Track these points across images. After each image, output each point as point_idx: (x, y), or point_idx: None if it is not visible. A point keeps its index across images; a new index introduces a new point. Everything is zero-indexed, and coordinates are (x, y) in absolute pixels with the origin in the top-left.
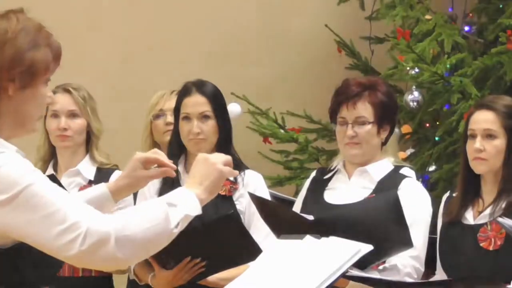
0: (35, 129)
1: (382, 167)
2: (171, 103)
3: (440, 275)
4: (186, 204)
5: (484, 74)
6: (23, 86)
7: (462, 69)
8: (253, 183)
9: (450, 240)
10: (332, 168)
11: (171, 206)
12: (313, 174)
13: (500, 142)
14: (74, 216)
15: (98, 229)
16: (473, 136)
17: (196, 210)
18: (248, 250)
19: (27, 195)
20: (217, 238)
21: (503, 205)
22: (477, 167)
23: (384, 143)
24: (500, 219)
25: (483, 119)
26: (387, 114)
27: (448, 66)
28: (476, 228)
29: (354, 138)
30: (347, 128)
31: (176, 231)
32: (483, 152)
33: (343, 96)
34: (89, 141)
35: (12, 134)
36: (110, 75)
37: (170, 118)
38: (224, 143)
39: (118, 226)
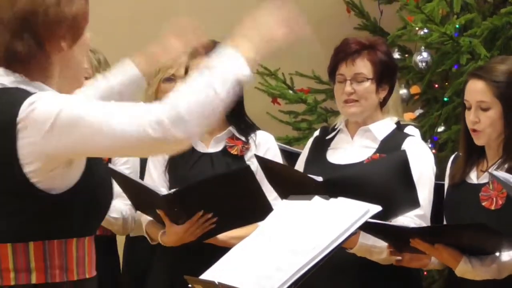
0: (83, 81)
1: (384, 126)
2: (183, 70)
3: None
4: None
5: (493, 34)
6: (74, 40)
7: (471, 30)
8: (265, 144)
9: (455, 199)
10: (335, 127)
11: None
12: (317, 133)
13: (494, 112)
14: (126, 113)
15: (151, 118)
16: (468, 107)
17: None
18: (260, 207)
19: (67, 114)
20: (230, 192)
21: (506, 166)
22: (476, 140)
23: (382, 104)
24: (494, 172)
25: (475, 90)
26: (386, 73)
27: (457, 26)
28: (478, 187)
29: (352, 94)
30: (345, 84)
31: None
32: (478, 123)
33: (342, 54)
34: None
35: (65, 91)
36: (118, 36)
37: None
38: (236, 105)
39: (173, 107)
